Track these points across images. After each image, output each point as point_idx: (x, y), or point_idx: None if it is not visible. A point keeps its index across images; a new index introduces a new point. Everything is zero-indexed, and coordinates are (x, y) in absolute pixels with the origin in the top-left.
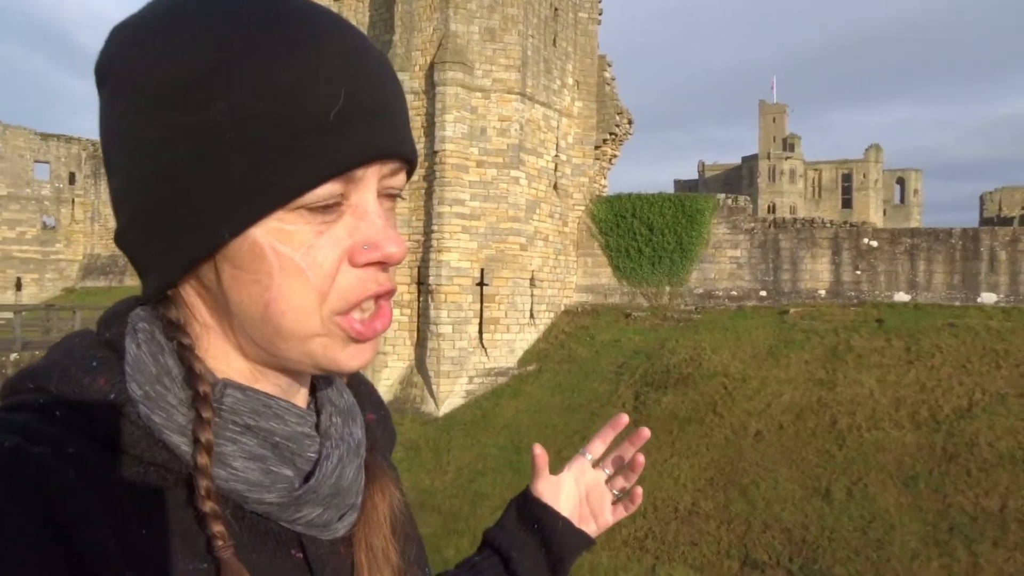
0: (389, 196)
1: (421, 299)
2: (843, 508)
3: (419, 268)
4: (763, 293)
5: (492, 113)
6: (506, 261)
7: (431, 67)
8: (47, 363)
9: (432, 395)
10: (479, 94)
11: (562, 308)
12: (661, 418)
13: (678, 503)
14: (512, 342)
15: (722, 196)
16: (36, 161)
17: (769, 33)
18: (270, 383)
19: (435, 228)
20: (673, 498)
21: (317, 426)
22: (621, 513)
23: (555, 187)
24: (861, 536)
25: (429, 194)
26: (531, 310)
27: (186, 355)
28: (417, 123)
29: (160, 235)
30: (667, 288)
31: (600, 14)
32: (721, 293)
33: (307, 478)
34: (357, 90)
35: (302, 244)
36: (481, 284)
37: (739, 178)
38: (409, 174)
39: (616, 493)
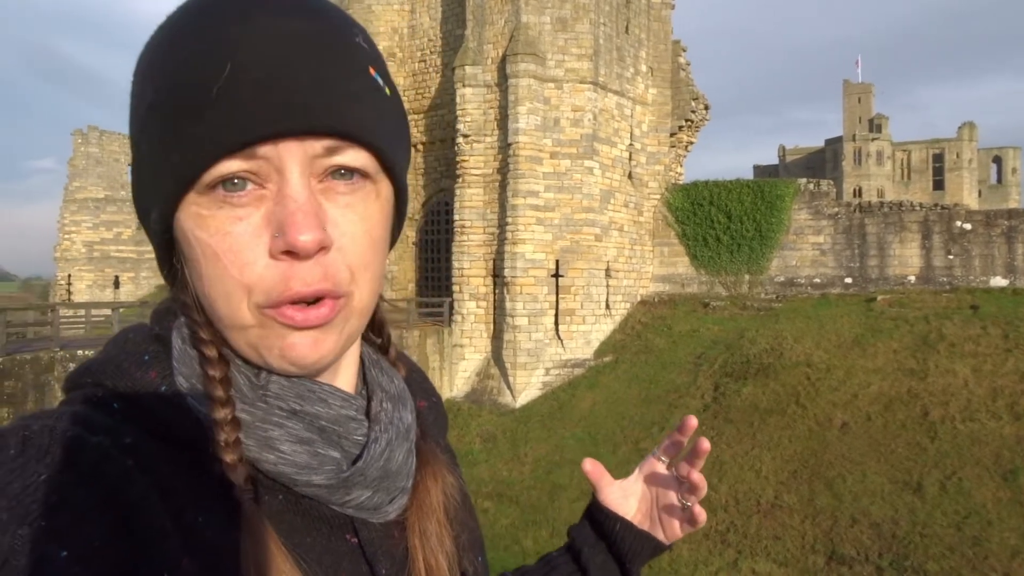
0: (343, 177)
1: (497, 291)
2: (936, 503)
3: (494, 260)
4: (848, 280)
5: (565, 103)
6: (581, 252)
7: (503, 60)
8: (103, 358)
9: (509, 387)
10: (551, 85)
11: (638, 298)
12: (741, 409)
13: (760, 496)
14: (588, 333)
15: (803, 181)
16: (130, 164)
17: (855, 8)
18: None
19: (509, 220)
20: (755, 491)
21: (368, 411)
22: (687, 528)
23: (630, 176)
24: (956, 532)
25: (503, 186)
26: (607, 301)
27: (192, 325)
28: (491, 116)
29: (142, 220)
30: (746, 276)
31: None
32: (803, 281)
33: (355, 461)
34: (249, 64)
35: (218, 231)
36: (556, 275)
37: (822, 162)
38: (375, 151)
39: (684, 503)
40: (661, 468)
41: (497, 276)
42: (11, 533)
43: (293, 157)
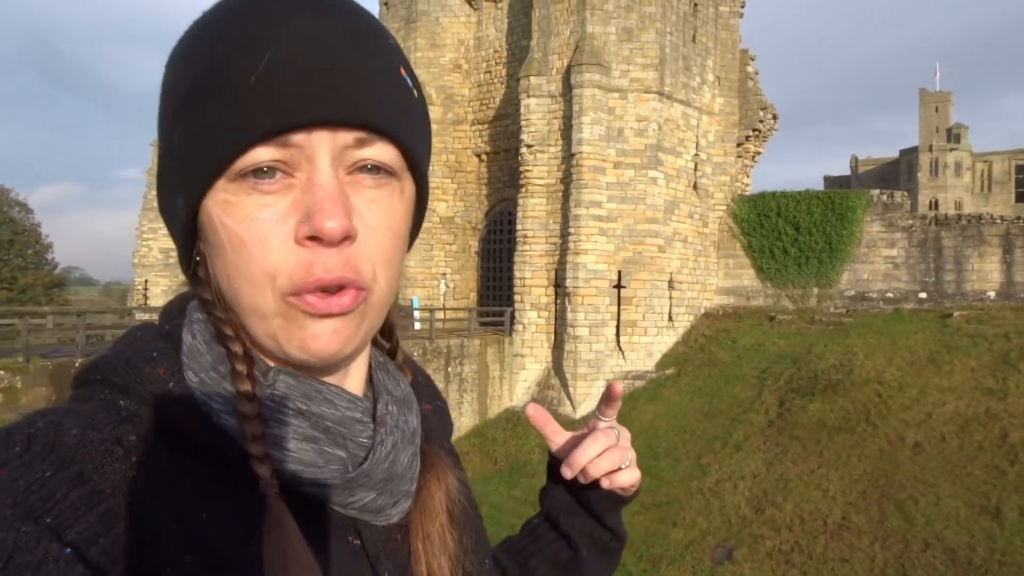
0: (370, 172)
1: (558, 301)
2: (1016, 529)
3: (556, 271)
4: (923, 295)
5: (629, 113)
6: (643, 263)
7: (568, 70)
8: (112, 355)
9: (569, 397)
10: (616, 95)
11: (702, 311)
12: (808, 426)
13: (827, 516)
14: (650, 345)
15: (876, 192)
16: (158, 156)
17: (934, 13)
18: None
19: (571, 230)
20: (821, 511)
21: (373, 414)
22: (627, 477)
23: (695, 187)
24: None
25: (566, 196)
26: (669, 313)
27: (217, 322)
28: (554, 126)
29: (166, 210)
30: (815, 290)
31: (742, 7)
32: (875, 295)
33: (361, 463)
34: (287, 55)
35: (245, 217)
36: (618, 286)
37: (896, 173)
38: (403, 149)
39: (601, 418)
40: (601, 425)
41: (559, 286)
42: (15, 530)
43: (324, 146)
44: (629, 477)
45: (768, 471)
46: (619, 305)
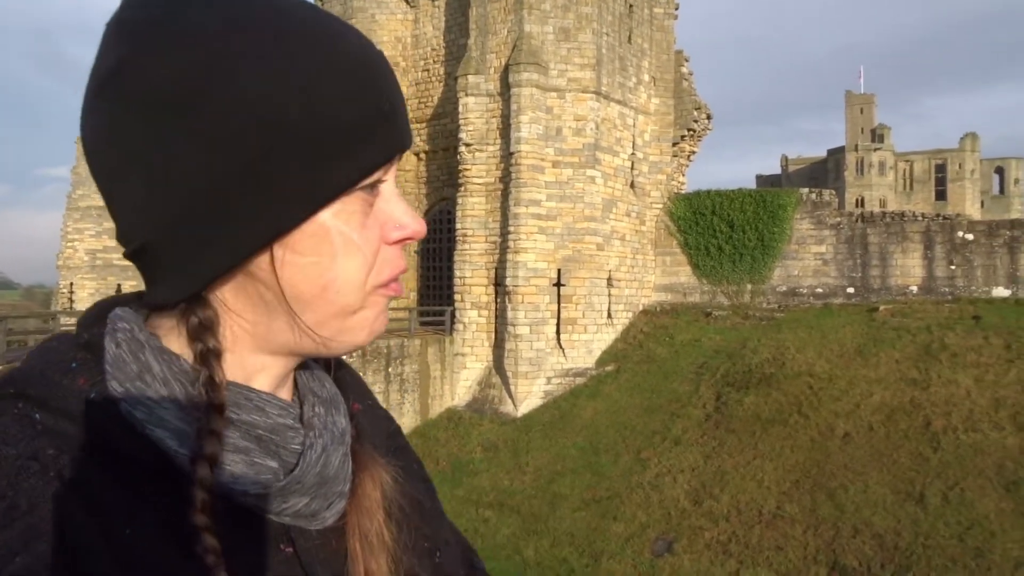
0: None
1: (498, 300)
2: (939, 514)
3: (496, 269)
4: (850, 290)
5: (567, 113)
6: (583, 261)
7: (506, 69)
8: (26, 367)
9: (510, 396)
10: (554, 94)
11: (640, 308)
12: (744, 419)
13: (762, 506)
14: (590, 342)
15: (805, 190)
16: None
17: (859, 17)
18: (269, 376)
19: (511, 229)
20: (757, 501)
21: (301, 418)
22: None
23: (632, 185)
24: (958, 544)
25: (505, 195)
26: (609, 310)
27: (210, 360)
28: (493, 125)
29: (213, 228)
30: (748, 286)
31: (676, 8)
32: (806, 291)
33: (292, 469)
34: (394, 85)
35: (359, 225)
36: (558, 285)
37: (825, 172)
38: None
39: None
40: None
41: (499, 285)
42: None
43: (396, 163)
44: None
45: (706, 464)
46: (559, 303)
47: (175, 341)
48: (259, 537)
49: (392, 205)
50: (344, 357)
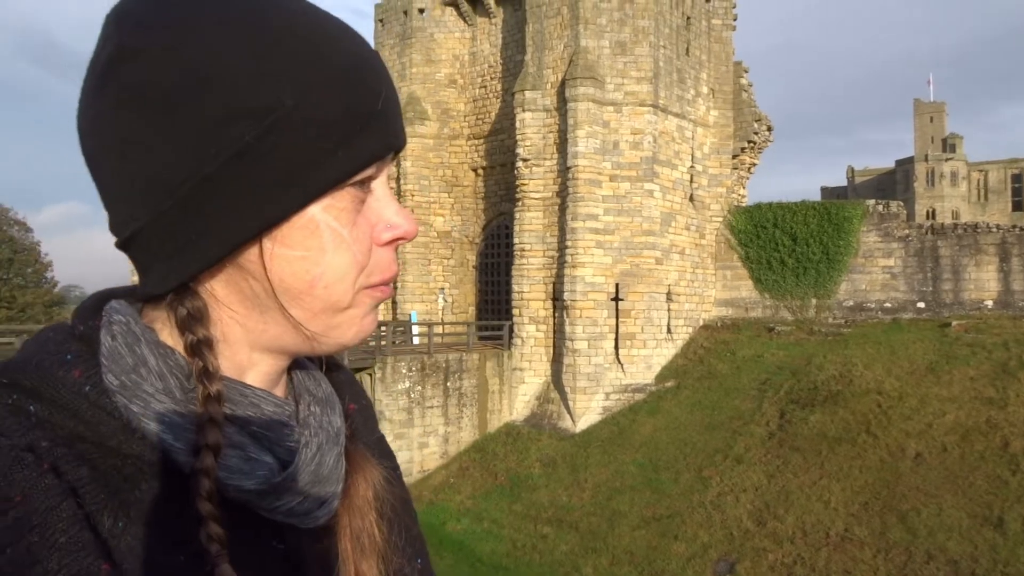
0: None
1: (556, 315)
2: (1019, 540)
3: (554, 284)
4: (921, 305)
5: (624, 126)
6: (641, 275)
7: (562, 84)
8: (21, 358)
9: (569, 411)
10: (611, 108)
11: (701, 323)
12: (809, 437)
13: (829, 528)
14: (649, 358)
15: (872, 202)
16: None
17: (928, 22)
18: (260, 372)
19: (569, 244)
20: (823, 523)
21: (296, 416)
22: None
23: (691, 199)
24: None
25: (562, 210)
26: (668, 325)
27: (202, 351)
28: (550, 140)
29: (203, 218)
30: (813, 300)
31: (735, 19)
32: (873, 305)
33: (286, 466)
34: (389, 85)
35: (349, 222)
36: (616, 299)
37: (893, 183)
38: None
39: None
40: None
41: (557, 299)
42: None
43: (388, 166)
44: None
45: (769, 483)
46: (617, 318)
47: (169, 335)
48: (252, 533)
49: (384, 205)
50: (342, 358)
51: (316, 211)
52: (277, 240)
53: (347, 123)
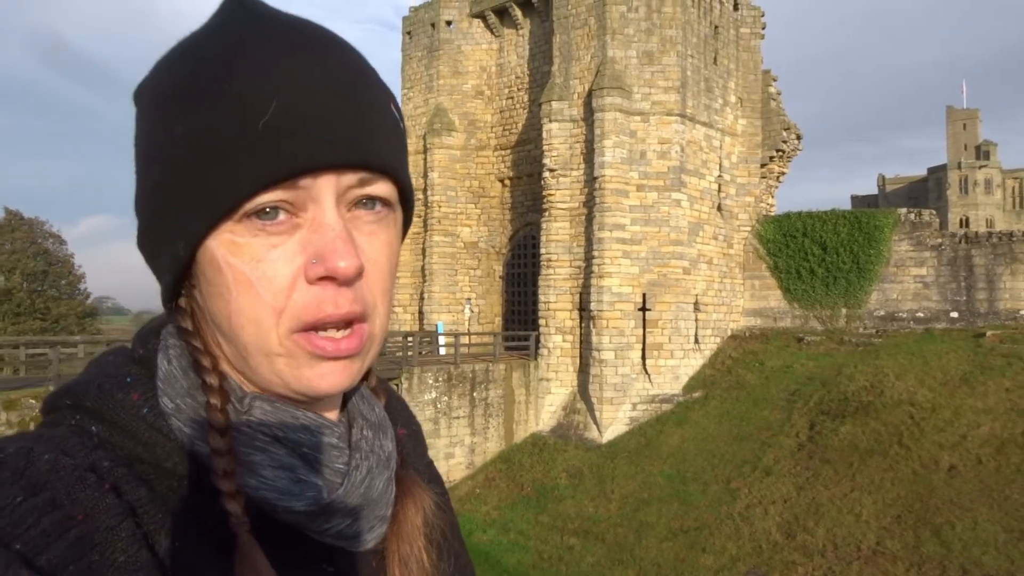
0: (365, 207)
1: (583, 325)
2: None
3: (580, 294)
4: (954, 314)
5: (652, 136)
6: (668, 285)
7: (589, 94)
8: (84, 380)
9: (595, 422)
10: (638, 118)
11: (729, 333)
12: (839, 449)
13: (861, 541)
14: (676, 368)
15: (903, 211)
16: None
17: (961, 29)
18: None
19: (596, 254)
20: (855, 536)
21: (348, 439)
22: None
23: (719, 208)
24: None
25: (589, 220)
26: (696, 335)
27: (194, 352)
28: (577, 150)
29: (154, 245)
30: (843, 310)
31: (763, 28)
32: (905, 315)
33: (336, 489)
34: (293, 100)
35: (252, 258)
36: (643, 309)
37: (925, 191)
38: (398, 183)
39: None
40: None
41: (583, 310)
42: None
43: (330, 188)
44: None
45: (799, 495)
46: (644, 328)
47: None
48: (302, 555)
49: (317, 235)
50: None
51: (214, 246)
52: (204, 275)
53: (225, 145)
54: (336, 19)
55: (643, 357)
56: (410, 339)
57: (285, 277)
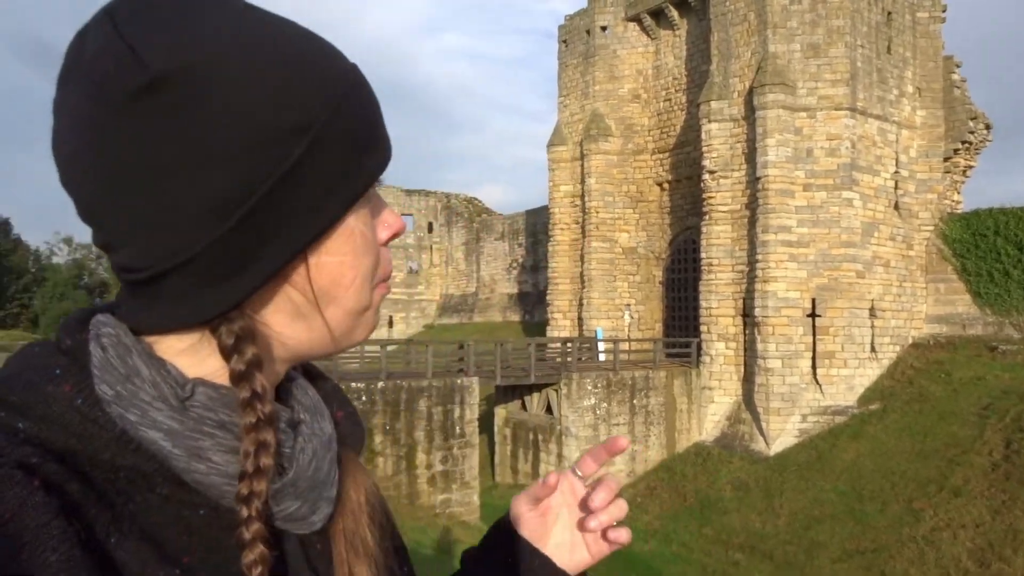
0: None
1: (747, 332)
2: None
3: (744, 300)
4: None
5: (818, 132)
6: (840, 290)
7: (750, 92)
8: (7, 374)
9: (762, 433)
10: (803, 114)
11: (910, 341)
12: None
13: None
14: (850, 378)
15: None
16: (403, 214)
17: None
18: (267, 382)
19: (760, 257)
20: None
21: (292, 422)
22: (613, 545)
23: (896, 207)
24: None
25: (752, 222)
26: (872, 343)
27: (253, 373)
28: (737, 150)
29: (258, 238)
30: None
31: (944, 11)
32: None
33: (284, 472)
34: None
35: (371, 224)
36: (813, 315)
37: None
38: None
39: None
40: (580, 486)
41: (747, 316)
42: None
43: None
44: (623, 532)
45: (994, 520)
46: (814, 335)
47: (163, 352)
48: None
49: (378, 205)
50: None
51: (351, 217)
52: (320, 249)
53: (366, 131)
54: (506, 33)
55: (813, 366)
56: (569, 345)
57: (379, 238)
